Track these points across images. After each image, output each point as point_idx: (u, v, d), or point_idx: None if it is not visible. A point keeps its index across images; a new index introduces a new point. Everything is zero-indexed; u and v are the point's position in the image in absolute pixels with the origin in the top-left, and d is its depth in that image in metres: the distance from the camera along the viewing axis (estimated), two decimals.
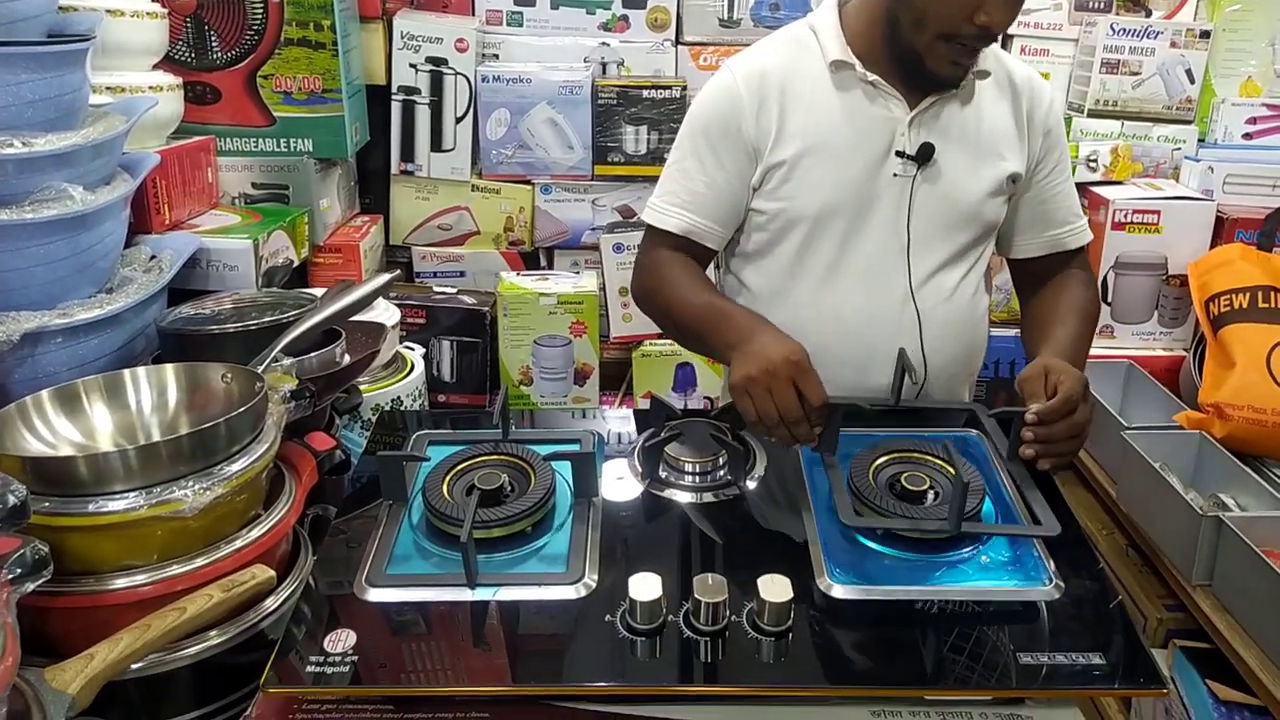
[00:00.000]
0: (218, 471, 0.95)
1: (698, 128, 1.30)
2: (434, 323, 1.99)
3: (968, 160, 1.27)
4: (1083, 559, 0.97)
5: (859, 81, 1.25)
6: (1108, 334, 2.02)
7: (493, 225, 2.18)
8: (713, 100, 1.29)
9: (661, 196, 1.33)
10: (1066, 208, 1.36)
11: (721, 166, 1.28)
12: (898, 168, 1.25)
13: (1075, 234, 1.36)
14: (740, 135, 1.26)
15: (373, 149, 2.12)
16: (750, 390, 1.08)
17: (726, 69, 1.29)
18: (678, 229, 1.30)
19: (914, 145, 1.24)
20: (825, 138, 1.24)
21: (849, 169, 1.24)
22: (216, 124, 1.82)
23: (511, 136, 2.09)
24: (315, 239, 1.90)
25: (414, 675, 0.83)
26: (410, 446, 1.17)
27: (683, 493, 1.07)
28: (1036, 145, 1.31)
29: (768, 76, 1.26)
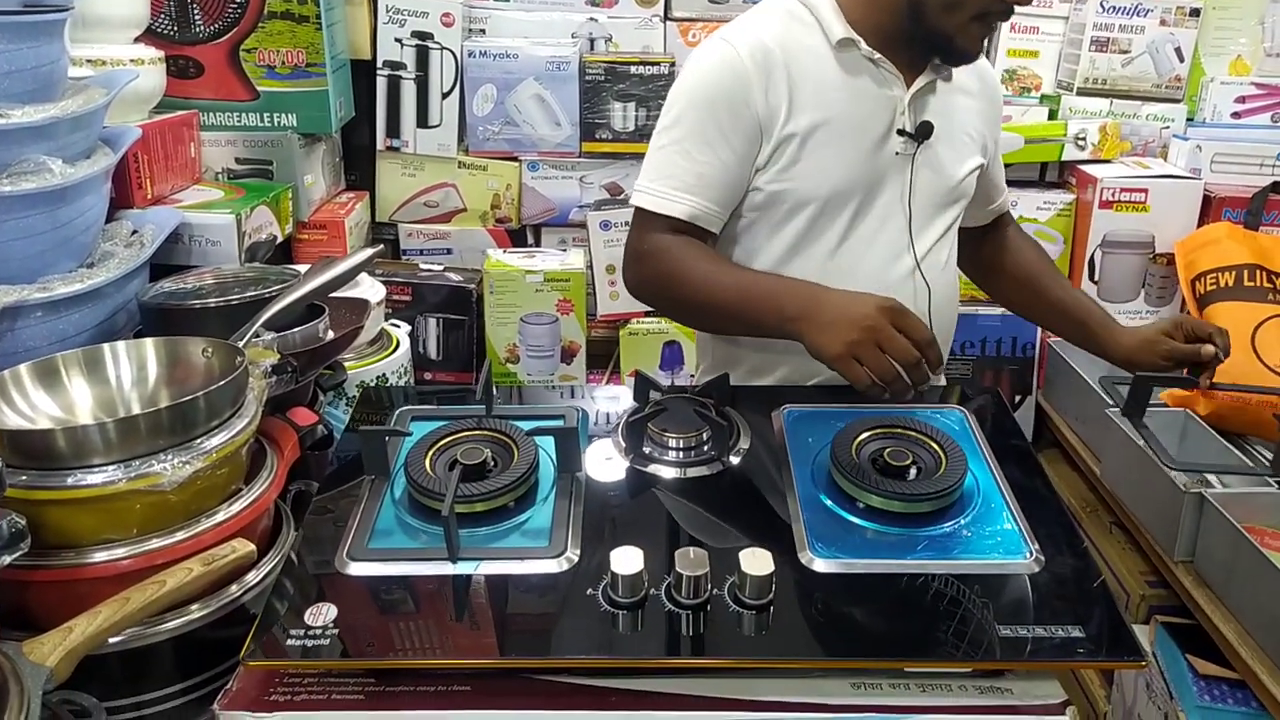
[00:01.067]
0: (197, 445, 0.94)
1: (700, 105, 1.22)
2: (420, 300, 1.98)
3: (953, 139, 1.31)
4: (1065, 534, 0.97)
5: (862, 60, 1.24)
6: None
7: (479, 202, 2.16)
8: (717, 75, 1.21)
9: (661, 180, 1.24)
10: (1001, 178, 1.49)
11: (730, 147, 1.22)
12: (899, 146, 1.25)
13: (1006, 198, 1.53)
14: (749, 112, 1.21)
15: (358, 125, 2.11)
16: (860, 355, 1.07)
17: (724, 42, 1.23)
18: (684, 214, 1.22)
19: (914, 124, 1.26)
20: (834, 115, 1.23)
21: (857, 148, 1.24)
22: (199, 98, 1.81)
23: (498, 113, 2.08)
24: (299, 215, 1.89)
25: (395, 648, 0.83)
26: (393, 422, 1.16)
27: (666, 468, 1.07)
28: (995, 129, 1.40)
29: (771, 50, 1.21)
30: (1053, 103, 2.10)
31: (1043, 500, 1.03)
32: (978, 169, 1.34)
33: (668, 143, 1.24)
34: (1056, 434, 1.98)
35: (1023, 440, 1.13)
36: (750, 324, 1.23)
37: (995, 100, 1.40)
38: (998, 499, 1.02)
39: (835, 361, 1.09)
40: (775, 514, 0.99)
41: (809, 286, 1.17)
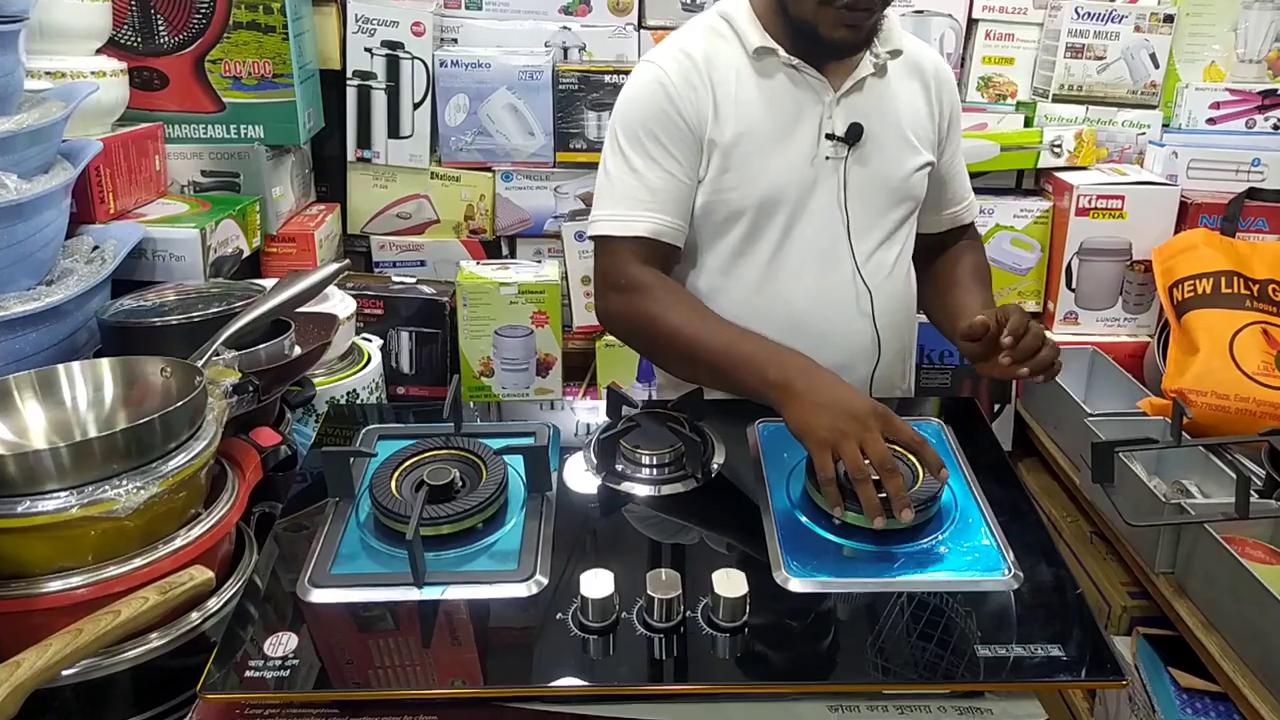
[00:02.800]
0: (154, 469, 0.92)
1: (637, 125, 1.24)
2: (392, 313, 1.96)
3: (892, 139, 1.29)
4: (1043, 548, 0.96)
5: (782, 67, 1.25)
6: (1072, 320, 2.02)
7: (453, 213, 2.14)
8: (647, 94, 1.24)
9: (617, 204, 1.24)
10: (963, 183, 1.44)
11: (675, 160, 1.24)
12: (829, 150, 1.25)
13: (969, 208, 1.46)
14: (683, 122, 1.24)
15: (328, 136, 2.08)
16: (840, 446, 0.98)
17: (649, 63, 1.26)
18: (647, 232, 1.22)
19: (842, 126, 1.25)
20: (754, 126, 1.24)
21: (784, 155, 1.24)
22: (164, 110, 1.78)
23: (471, 123, 2.06)
24: (268, 228, 1.87)
25: (358, 678, 0.81)
26: (360, 441, 1.14)
27: (639, 486, 1.05)
28: (944, 126, 1.36)
29: (694, 63, 1.24)
30: (1028, 110, 2.10)
31: (1021, 514, 1.02)
32: (925, 166, 1.32)
33: (613, 168, 1.25)
34: (1036, 443, 1.97)
35: (1000, 453, 1.13)
36: (729, 382, 1.15)
37: (946, 98, 1.35)
38: (975, 513, 1.01)
39: (815, 446, 1.01)
40: (750, 532, 0.98)
41: (800, 359, 1.11)
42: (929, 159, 1.33)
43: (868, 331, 1.31)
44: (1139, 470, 1.48)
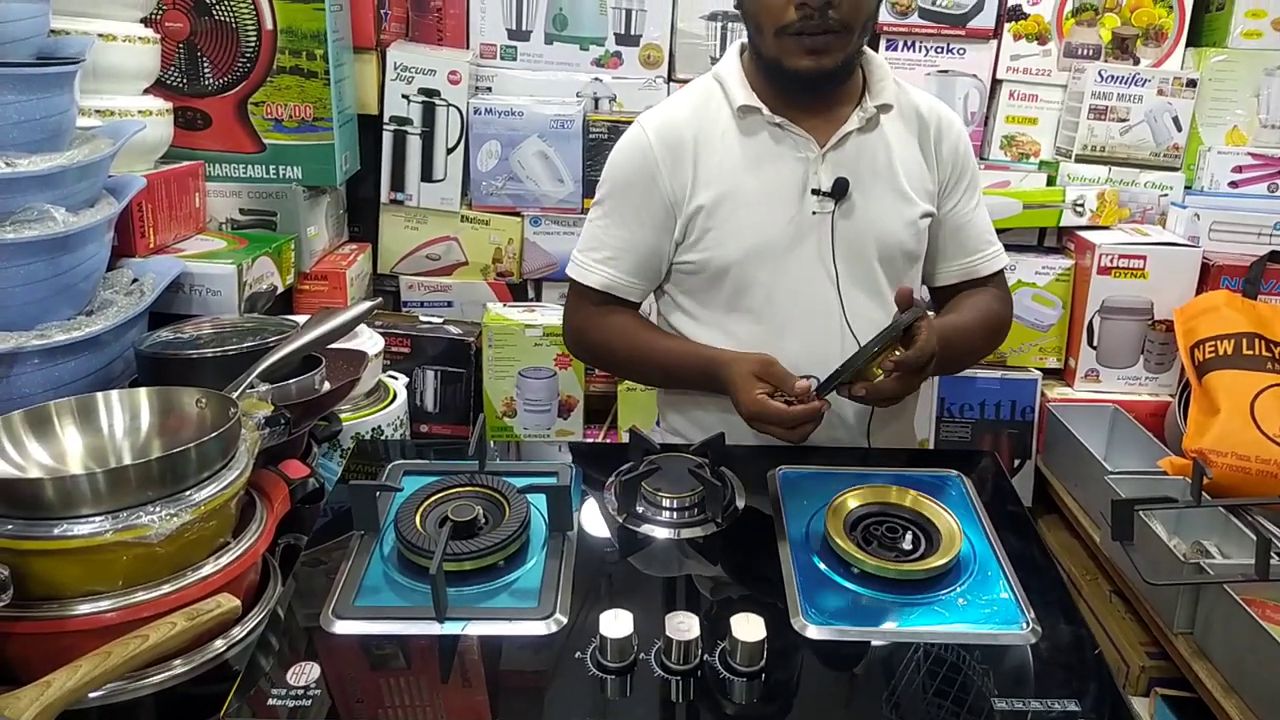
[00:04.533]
0: (186, 497, 0.94)
1: (617, 185, 1.33)
2: (418, 352, 1.99)
3: (882, 192, 1.30)
4: (1061, 603, 0.96)
5: (766, 125, 1.28)
6: (1093, 378, 2.02)
7: (481, 256, 2.18)
8: (626, 158, 1.32)
9: (585, 251, 1.37)
10: (979, 235, 1.39)
11: (640, 222, 1.31)
12: (815, 205, 1.27)
13: (989, 260, 1.40)
14: (657, 190, 1.29)
15: (363, 178, 2.13)
16: (759, 428, 1.21)
17: (639, 126, 1.33)
18: (599, 284, 1.34)
19: (828, 182, 1.26)
20: (740, 183, 1.27)
21: (768, 212, 1.27)
22: (206, 149, 1.83)
23: (502, 168, 2.10)
24: (301, 266, 1.90)
25: (378, 710, 0.82)
26: (385, 477, 1.16)
27: (659, 528, 1.06)
28: (945, 174, 1.35)
29: (679, 129, 1.30)
30: (1051, 169, 2.12)
31: (1040, 568, 1.02)
32: (923, 218, 1.32)
33: (593, 218, 1.36)
34: (1056, 499, 1.96)
35: (1020, 506, 1.13)
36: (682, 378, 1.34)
37: (947, 146, 1.33)
38: (994, 566, 1.01)
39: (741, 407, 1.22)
40: (769, 577, 0.98)
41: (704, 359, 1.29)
42: (927, 209, 1.32)
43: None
44: (1159, 529, 1.47)
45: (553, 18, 2.11)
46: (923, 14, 2.09)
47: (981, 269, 1.40)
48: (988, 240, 1.41)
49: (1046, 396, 2.02)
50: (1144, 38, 2.11)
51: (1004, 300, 1.42)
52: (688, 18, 2.12)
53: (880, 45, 2.12)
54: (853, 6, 1.17)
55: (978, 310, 1.36)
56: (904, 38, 2.12)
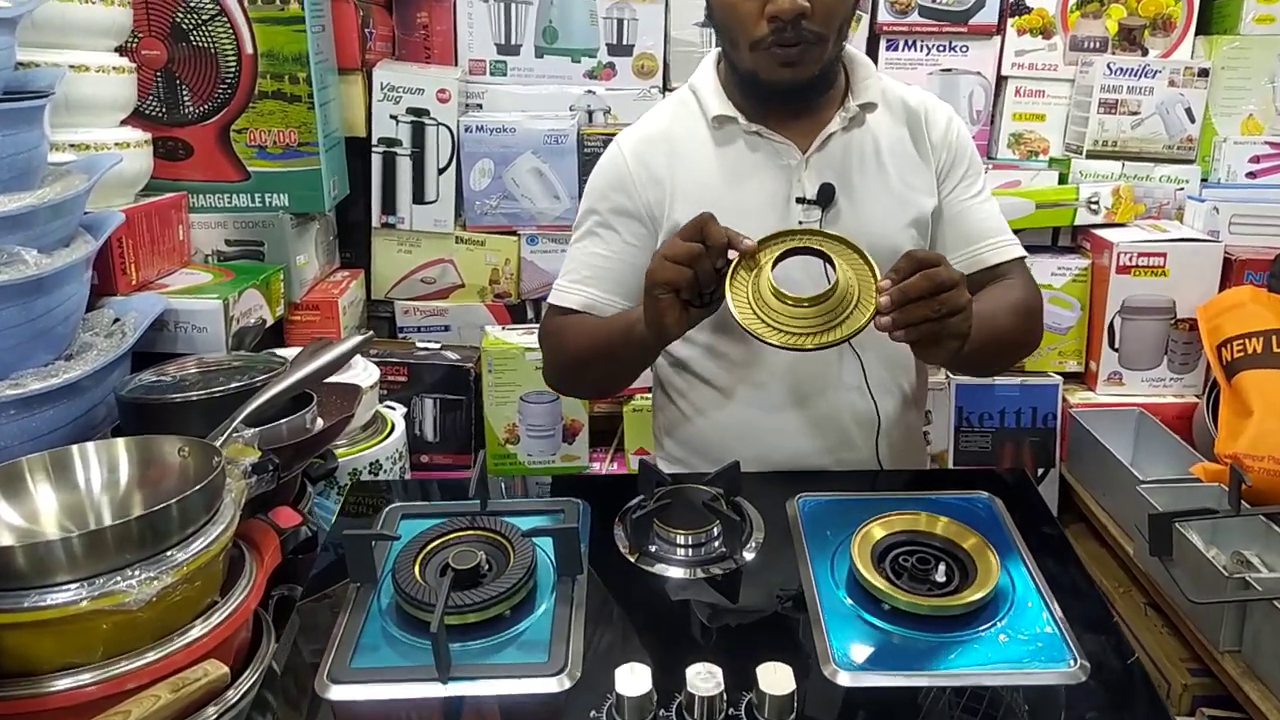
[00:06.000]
0: (168, 558, 0.88)
1: (595, 202, 1.29)
2: (416, 380, 1.93)
3: (874, 193, 1.23)
4: (1109, 633, 0.90)
5: (743, 134, 1.23)
6: (1116, 381, 1.96)
7: (478, 278, 2.13)
8: (604, 174, 1.28)
9: (565, 274, 1.30)
10: (983, 223, 1.27)
11: (621, 239, 1.26)
12: (800, 215, 1.21)
13: (1000, 249, 1.27)
14: (634, 206, 1.25)
15: (353, 202, 2.08)
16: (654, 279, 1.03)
17: (615, 143, 1.28)
18: (578, 304, 1.26)
19: (813, 189, 1.20)
20: (719, 197, 1.21)
21: (751, 226, 1.19)
22: (188, 180, 1.78)
23: (496, 187, 2.05)
24: (291, 296, 1.85)
25: None
26: (382, 521, 1.10)
27: (675, 567, 1.00)
28: (940, 162, 1.27)
29: (653, 143, 1.25)
30: (1062, 166, 2.06)
31: (1082, 595, 0.96)
32: (921, 215, 1.23)
33: (573, 240, 1.31)
34: (1083, 508, 1.90)
35: (1056, 527, 1.07)
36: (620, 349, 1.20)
37: (937, 133, 1.25)
38: (1035, 597, 0.95)
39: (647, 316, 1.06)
40: (795, 618, 0.92)
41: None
42: (926, 204, 1.24)
43: (861, 402, 1.25)
44: (1196, 540, 1.41)
45: (543, 30, 2.06)
46: (923, 12, 2.04)
47: (989, 257, 1.26)
48: (995, 229, 1.28)
49: (1068, 402, 1.97)
50: (1152, 28, 2.05)
51: (1025, 287, 1.26)
52: (681, 25, 2.07)
53: (880, 45, 2.07)
54: (826, 14, 1.11)
55: (997, 298, 1.21)
56: (904, 37, 2.06)
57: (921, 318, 0.96)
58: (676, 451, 1.35)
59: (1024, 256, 1.29)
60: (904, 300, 0.95)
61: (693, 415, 1.30)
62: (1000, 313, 1.17)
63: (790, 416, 1.24)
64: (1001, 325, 1.16)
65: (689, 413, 1.31)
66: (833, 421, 1.24)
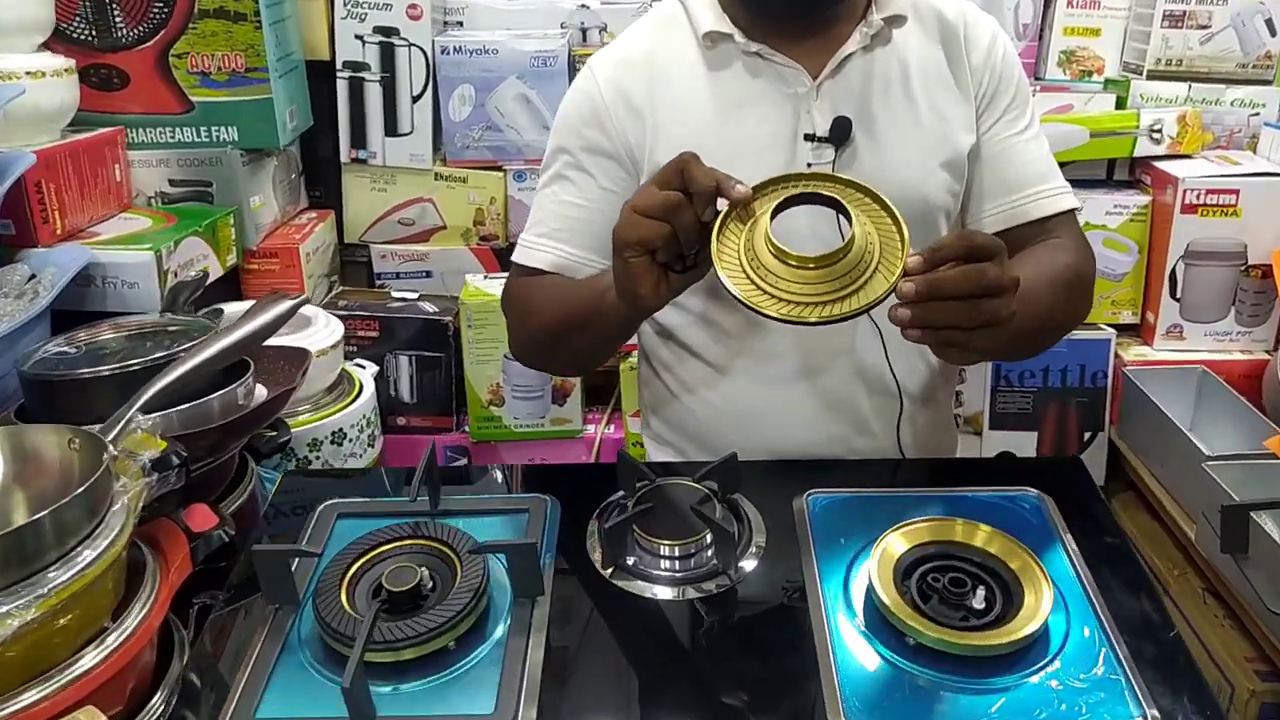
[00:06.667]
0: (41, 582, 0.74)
1: (563, 141, 1.09)
2: (389, 335, 1.78)
3: (900, 129, 1.04)
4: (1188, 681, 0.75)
5: (741, 55, 1.04)
6: (1176, 335, 1.78)
7: (461, 218, 1.96)
8: (575, 106, 1.09)
9: (531, 228, 1.11)
10: (1028, 168, 1.09)
11: (597, 185, 1.08)
12: (810, 156, 1.02)
13: (1043, 198, 1.08)
14: (609, 143, 1.06)
15: (320, 134, 1.91)
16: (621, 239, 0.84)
17: (587, 67, 1.09)
18: (547, 264, 1.09)
19: (825, 123, 1.02)
20: (711, 133, 1.03)
21: (748, 168, 0.98)
22: (125, 113, 1.62)
23: (478, 116, 1.87)
24: (246, 242, 1.70)
25: None
26: (315, 520, 0.95)
27: (657, 585, 0.86)
28: (982, 91, 1.07)
29: (631, 67, 1.06)
30: (1120, 88, 1.86)
31: (1153, 628, 0.81)
32: (958, 154, 1.05)
33: (541, 184, 1.14)
34: (1133, 476, 1.74)
35: (1123, 539, 0.91)
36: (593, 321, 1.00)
37: (977, 53, 1.06)
38: (1095, 630, 0.80)
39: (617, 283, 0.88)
40: (800, 656, 0.78)
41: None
42: (964, 140, 1.05)
43: (880, 380, 1.08)
44: (1272, 530, 1.24)
45: None
46: None
47: (1034, 209, 1.08)
48: (1042, 174, 1.09)
49: (1121, 358, 1.80)
50: None
51: (1076, 250, 1.08)
52: None
53: None
54: None
55: (1040, 267, 1.01)
56: None
57: (949, 323, 0.78)
58: (665, 433, 1.19)
59: (1076, 208, 1.10)
60: (933, 294, 0.77)
61: (681, 393, 1.14)
62: (1043, 287, 0.97)
63: (796, 397, 1.08)
64: (1043, 305, 0.96)
65: (677, 390, 1.15)
66: (846, 403, 1.08)
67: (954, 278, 0.77)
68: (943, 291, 0.77)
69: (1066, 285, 1.03)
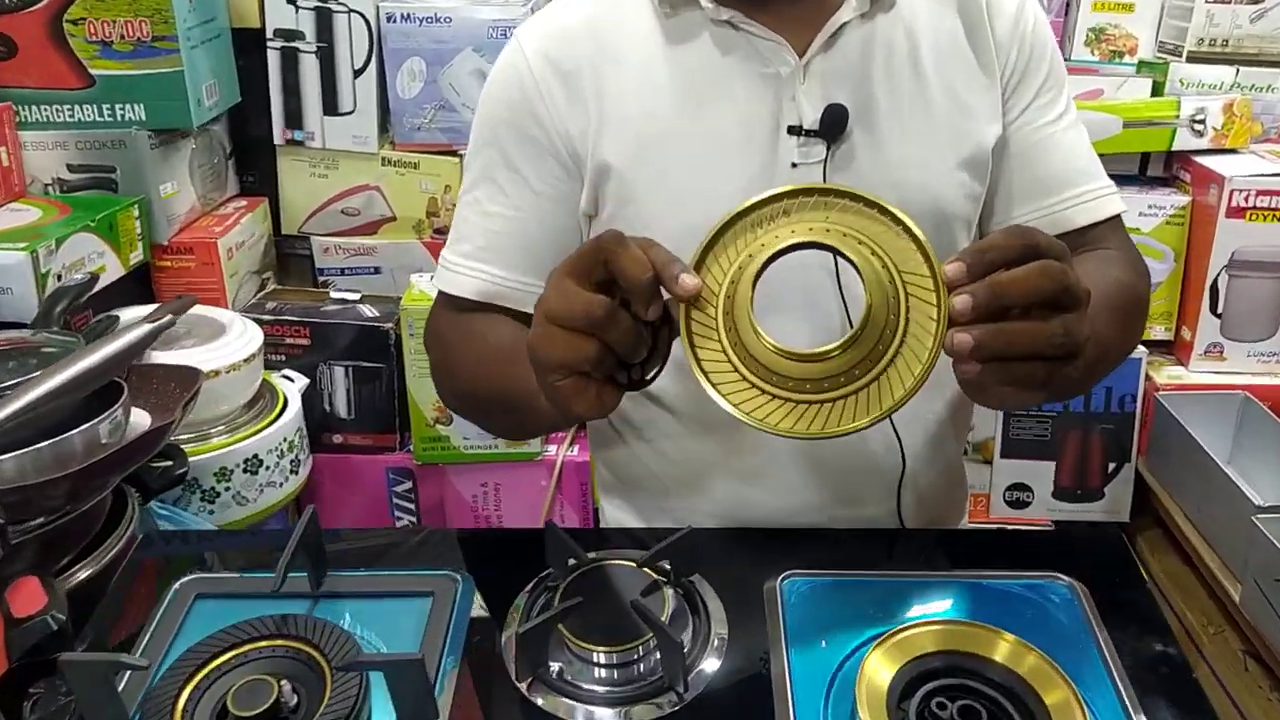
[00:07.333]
0: None
1: (486, 135, 0.91)
2: (321, 343, 1.61)
3: (910, 119, 0.85)
4: None
5: (707, 25, 0.85)
6: (1215, 354, 1.63)
7: (412, 209, 1.79)
8: (499, 91, 0.89)
9: (452, 245, 0.93)
10: (1068, 164, 0.91)
11: (530, 189, 0.89)
12: (795, 153, 0.84)
13: (1086, 202, 0.90)
14: (543, 133, 0.88)
15: (253, 113, 1.74)
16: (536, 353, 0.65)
17: (515, 40, 0.90)
18: (474, 292, 0.90)
19: (814, 112, 0.83)
20: (670, 126, 0.85)
21: (717, 170, 0.84)
22: (14, 87, 1.46)
23: (430, 94, 1.70)
24: (157, 237, 1.53)
25: None
26: (166, 605, 0.78)
27: (586, 705, 0.69)
28: (1010, 69, 0.88)
29: (569, 39, 0.87)
30: (1156, 72, 1.70)
31: None
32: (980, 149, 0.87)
33: (463, 191, 0.94)
34: (1162, 514, 1.59)
35: (1173, 643, 0.74)
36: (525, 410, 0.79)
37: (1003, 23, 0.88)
38: None
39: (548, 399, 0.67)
40: None
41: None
42: (989, 132, 0.88)
43: (880, 438, 0.89)
44: None
45: None
46: None
47: (1075, 216, 0.90)
48: (1084, 172, 0.91)
49: (1153, 381, 1.65)
50: None
51: (1129, 265, 0.91)
52: None
53: None
54: None
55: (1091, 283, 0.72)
56: None
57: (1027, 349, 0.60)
58: (611, 481, 1.02)
59: (1123, 212, 0.93)
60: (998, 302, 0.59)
61: (633, 442, 0.96)
62: (1099, 311, 0.73)
63: (770, 460, 0.90)
64: (1100, 332, 0.73)
65: (629, 438, 0.96)
66: (835, 466, 0.90)
67: (1027, 278, 0.59)
68: (1009, 297, 0.59)
69: (1123, 308, 0.86)
